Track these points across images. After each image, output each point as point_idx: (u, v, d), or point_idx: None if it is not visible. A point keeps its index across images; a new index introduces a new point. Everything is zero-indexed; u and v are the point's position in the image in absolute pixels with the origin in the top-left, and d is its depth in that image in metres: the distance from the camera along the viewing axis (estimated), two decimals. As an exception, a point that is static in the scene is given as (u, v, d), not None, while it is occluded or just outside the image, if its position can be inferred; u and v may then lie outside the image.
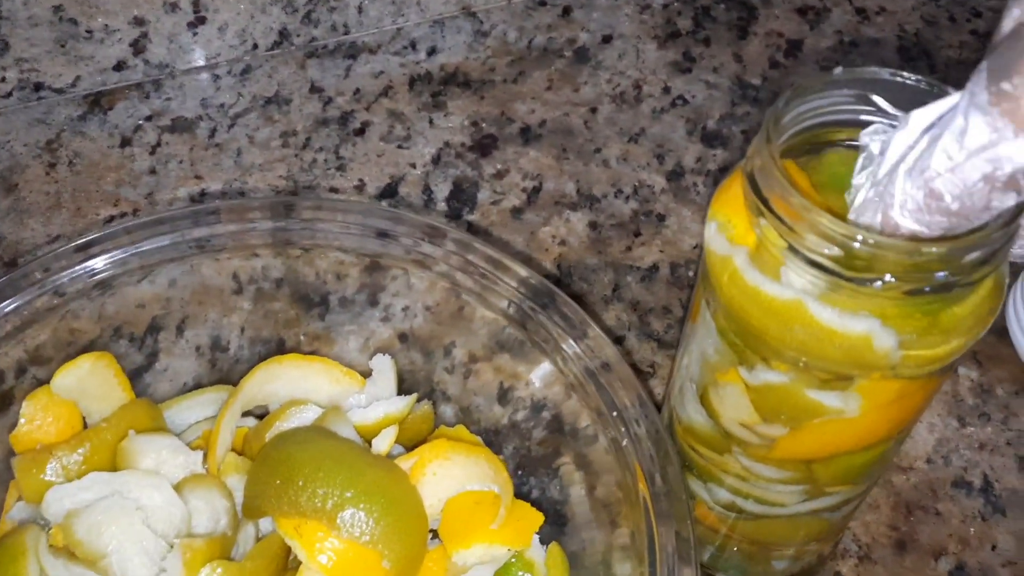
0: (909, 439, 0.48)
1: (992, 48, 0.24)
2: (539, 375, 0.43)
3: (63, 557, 0.33)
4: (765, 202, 0.28)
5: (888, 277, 0.27)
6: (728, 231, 0.31)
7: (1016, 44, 0.23)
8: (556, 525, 0.41)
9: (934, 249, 0.26)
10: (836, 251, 0.27)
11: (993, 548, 0.44)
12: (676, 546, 0.33)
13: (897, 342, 0.28)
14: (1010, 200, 0.25)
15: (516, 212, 0.57)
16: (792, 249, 0.28)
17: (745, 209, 0.30)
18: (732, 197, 0.31)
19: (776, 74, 0.65)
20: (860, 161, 0.30)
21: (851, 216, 0.29)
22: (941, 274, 0.27)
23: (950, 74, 0.65)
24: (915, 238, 0.27)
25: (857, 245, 0.27)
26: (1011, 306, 0.50)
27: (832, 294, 0.28)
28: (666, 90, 0.64)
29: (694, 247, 0.56)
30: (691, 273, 0.55)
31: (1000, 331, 0.51)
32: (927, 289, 0.27)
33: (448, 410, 0.46)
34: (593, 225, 0.57)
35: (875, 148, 0.29)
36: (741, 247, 0.30)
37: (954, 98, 0.26)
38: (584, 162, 0.60)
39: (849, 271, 0.27)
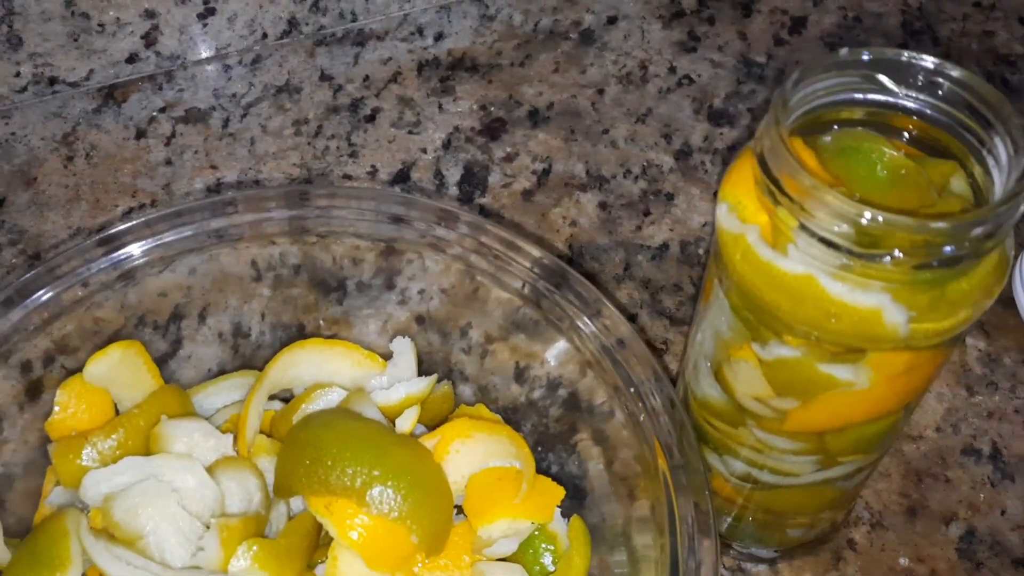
0: (919, 409, 0.49)
1: None
2: (555, 353, 0.44)
3: (103, 538, 0.35)
4: (776, 182, 0.29)
5: (896, 252, 0.28)
6: (739, 210, 0.31)
7: None
8: (575, 499, 0.42)
9: (941, 224, 0.27)
10: (846, 228, 0.28)
11: (1003, 513, 0.46)
12: (695, 517, 0.34)
13: (906, 316, 0.29)
14: None
15: (527, 194, 0.58)
16: (803, 227, 0.29)
17: (755, 188, 0.31)
18: (742, 177, 0.32)
19: (781, 51, 0.65)
20: None
21: None
22: (948, 248, 0.28)
23: (952, 47, 0.66)
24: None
25: (866, 222, 0.28)
26: (1017, 277, 0.51)
27: (843, 270, 0.29)
28: (672, 70, 0.64)
29: (703, 225, 0.57)
30: (701, 251, 0.56)
31: (1007, 301, 0.52)
32: (935, 263, 0.28)
33: (467, 390, 0.47)
34: (603, 205, 0.58)
35: None
36: (753, 225, 0.31)
37: None
38: (592, 143, 0.60)
39: (859, 247, 0.28)
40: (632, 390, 0.39)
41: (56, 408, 0.39)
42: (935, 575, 0.44)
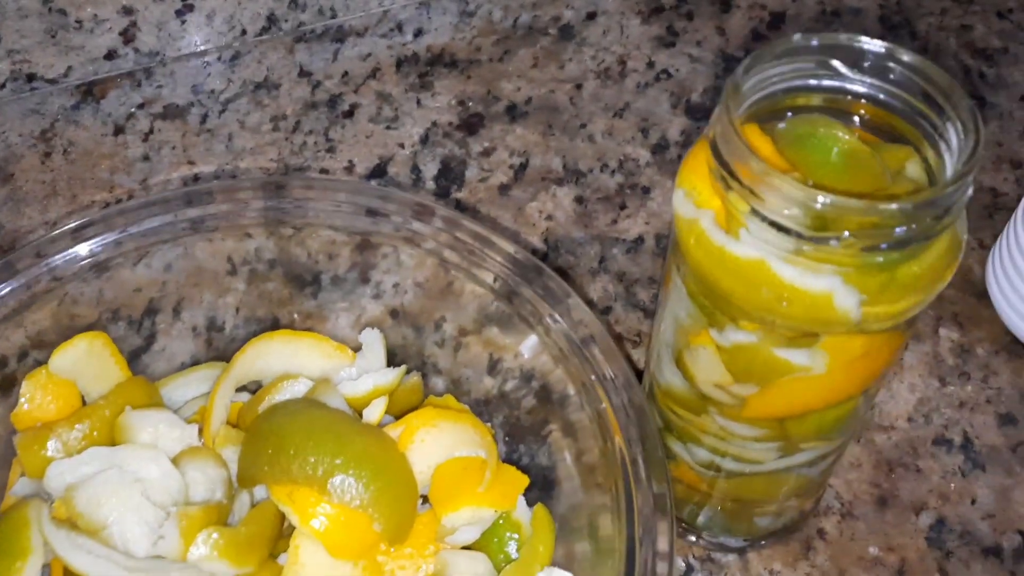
0: (891, 399, 0.49)
1: None
2: (526, 347, 0.44)
3: (65, 528, 0.35)
4: (727, 167, 0.29)
5: (846, 234, 0.28)
6: (694, 196, 0.31)
7: None
8: (545, 490, 0.42)
9: (890, 206, 0.27)
10: (796, 212, 0.28)
11: (973, 502, 0.46)
12: (653, 502, 0.34)
13: (858, 299, 0.29)
14: None
15: (503, 189, 0.58)
16: (754, 211, 0.29)
17: (709, 175, 0.31)
18: (698, 164, 0.32)
19: (759, 46, 0.65)
20: None
21: None
22: (899, 229, 0.28)
23: (930, 41, 0.66)
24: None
25: (816, 206, 0.28)
26: (991, 268, 0.51)
27: (794, 254, 0.29)
28: (650, 65, 0.65)
29: (679, 218, 0.57)
30: (676, 244, 0.56)
31: (981, 293, 0.52)
32: (884, 246, 0.28)
33: (439, 382, 0.47)
34: (579, 200, 0.58)
35: None
36: (707, 210, 0.31)
37: None
38: (570, 138, 0.61)
39: (808, 231, 0.28)
40: (597, 384, 0.39)
41: (22, 399, 0.40)
42: (905, 564, 0.44)
